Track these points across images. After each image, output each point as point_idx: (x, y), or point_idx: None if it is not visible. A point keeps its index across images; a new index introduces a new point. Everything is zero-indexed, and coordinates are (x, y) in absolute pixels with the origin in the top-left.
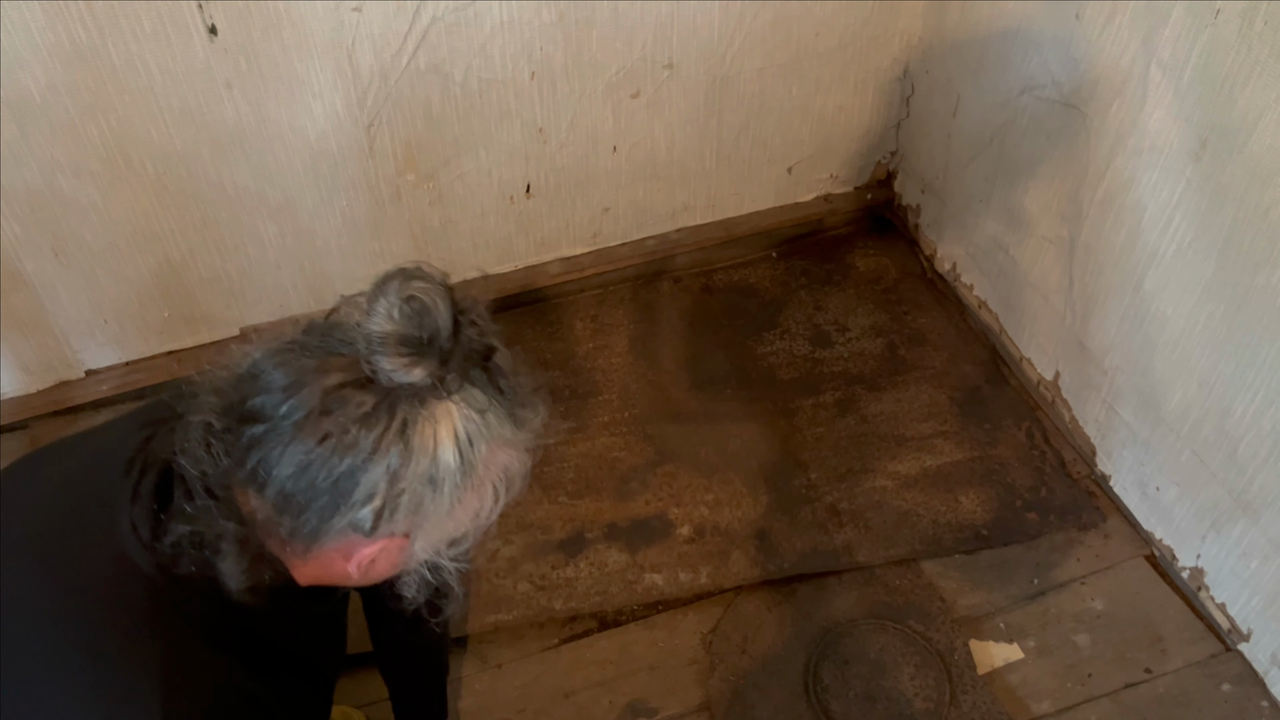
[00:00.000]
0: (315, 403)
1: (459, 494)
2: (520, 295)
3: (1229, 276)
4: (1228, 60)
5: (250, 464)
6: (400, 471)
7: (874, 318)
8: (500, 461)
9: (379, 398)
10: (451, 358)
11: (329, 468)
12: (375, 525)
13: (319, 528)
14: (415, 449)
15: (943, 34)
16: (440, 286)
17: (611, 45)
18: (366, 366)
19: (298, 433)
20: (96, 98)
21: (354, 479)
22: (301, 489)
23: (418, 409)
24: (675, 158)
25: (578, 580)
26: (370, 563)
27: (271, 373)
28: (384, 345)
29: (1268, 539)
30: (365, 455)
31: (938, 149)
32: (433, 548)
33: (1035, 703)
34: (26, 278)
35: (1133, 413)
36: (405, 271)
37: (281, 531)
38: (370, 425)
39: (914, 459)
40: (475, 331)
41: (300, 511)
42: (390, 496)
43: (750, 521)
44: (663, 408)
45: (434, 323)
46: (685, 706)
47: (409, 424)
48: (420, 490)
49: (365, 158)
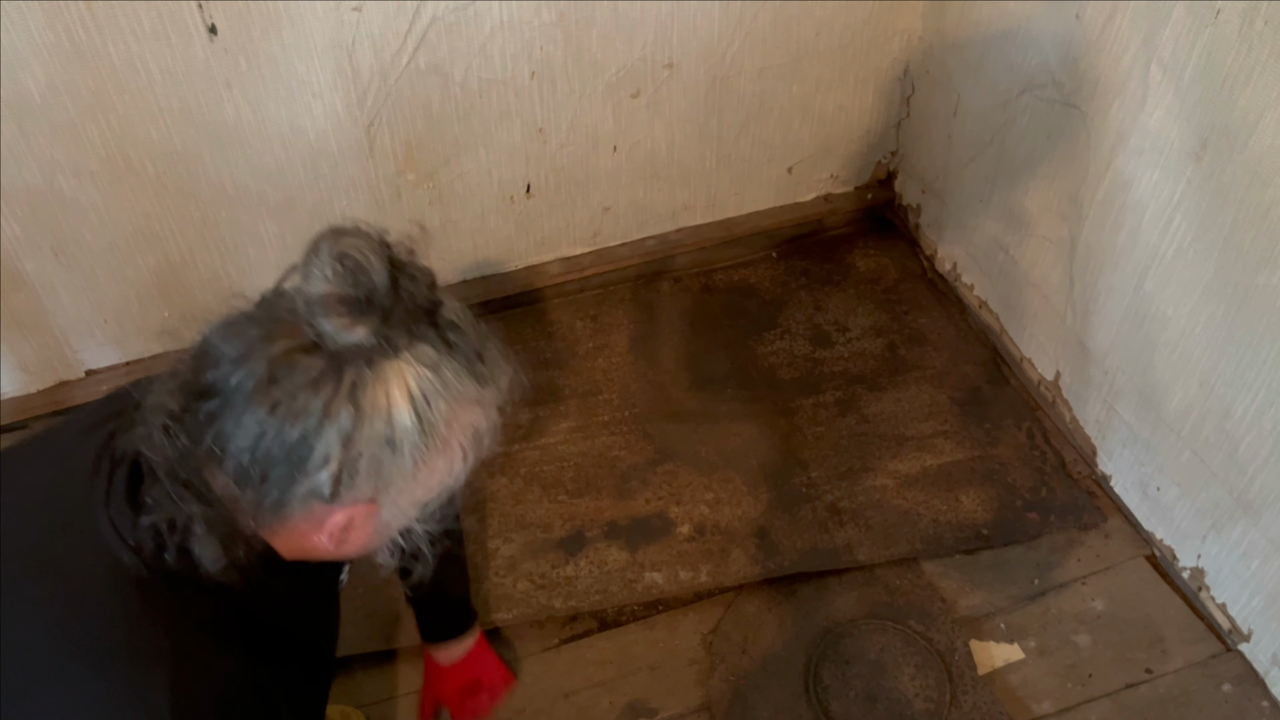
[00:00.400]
0: (263, 371)
1: (422, 455)
2: (520, 295)
3: (1229, 276)
4: (1228, 60)
5: (207, 441)
6: (353, 434)
7: (874, 318)
8: (465, 420)
9: (326, 362)
10: (394, 314)
11: (282, 436)
12: (335, 490)
13: (281, 498)
14: (367, 411)
15: (943, 34)
16: (373, 241)
17: (612, 45)
18: (310, 331)
19: (249, 403)
20: (96, 98)
21: (307, 445)
22: (258, 460)
23: (366, 370)
24: (675, 157)
25: (578, 579)
26: (342, 531)
27: (221, 346)
28: (323, 307)
29: (1268, 539)
30: (316, 420)
31: (938, 149)
32: (405, 513)
33: (1036, 703)
34: (26, 278)
35: (1133, 413)
36: (336, 230)
37: (246, 506)
38: (318, 389)
39: (914, 458)
40: (415, 286)
41: (260, 483)
42: (346, 460)
43: (750, 520)
44: (663, 407)
45: (370, 279)
46: (685, 706)
47: (358, 386)
48: (378, 453)
49: (365, 157)
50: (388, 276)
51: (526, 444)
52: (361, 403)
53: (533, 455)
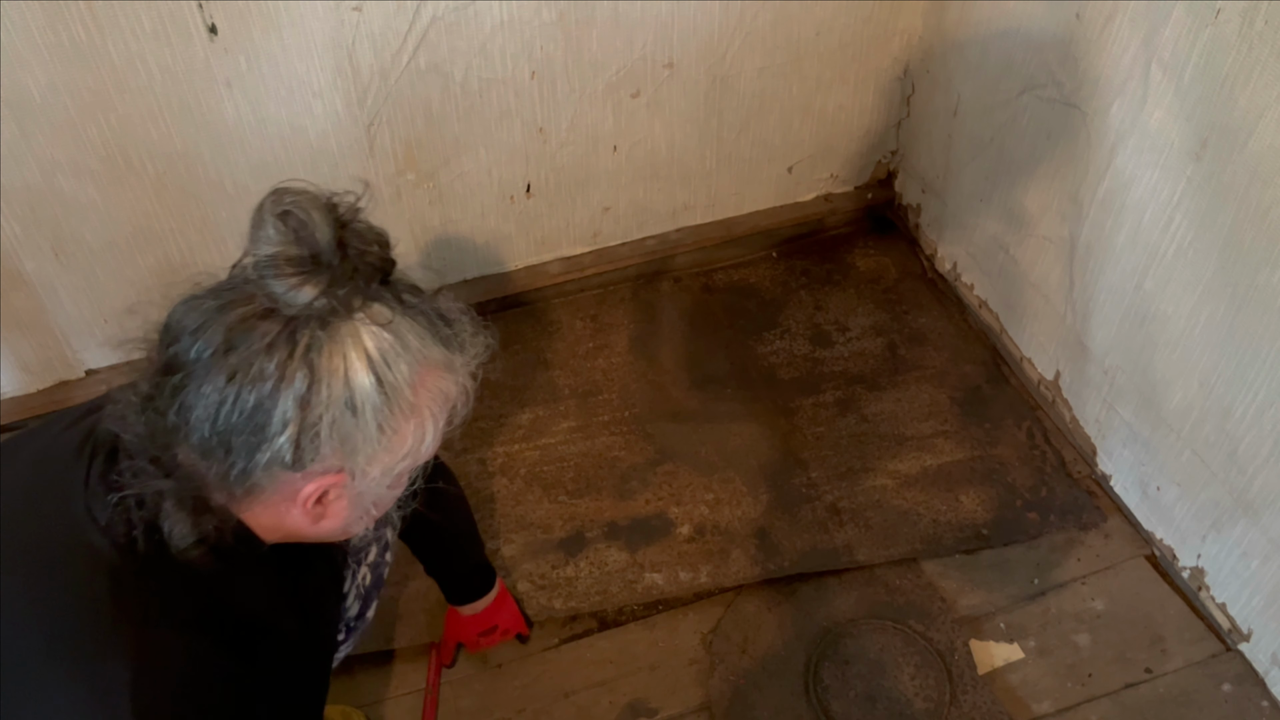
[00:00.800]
0: (220, 339)
1: (387, 419)
2: (520, 295)
3: (1229, 276)
4: (1228, 60)
5: (173, 415)
6: (310, 397)
7: (874, 317)
8: (432, 384)
9: (281, 325)
10: (343, 272)
11: (240, 403)
12: (298, 456)
13: (246, 468)
14: (323, 372)
15: (943, 33)
16: (316, 198)
17: (612, 44)
18: (264, 296)
19: (208, 373)
20: (96, 97)
21: (265, 410)
22: (219, 430)
23: (320, 332)
24: (675, 157)
25: (578, 579)
26: (318, 504)
27: (182, 320)
28: (270, 268)
29: (1268, 539)
30: (272, 384)
31: (938, 148)
32: (378, 483)
33: (1035, 703)
34: (26, 278)
35: (1133, 412)
36: (279, 189)
37: (214, 479)
38: (272, 353)
39: (914, 458)
40: (363, 243)
41: (225, 454)
42: (306, 424)
43: (750, 520)
44: (663, 407)
45: (313, 236)
46: (685, 706)
47: (313, 348)
48: (339, 417)
49: (365, 157)
50: (332, 233)
51: (527, 444)
52: (317, 365)
53: (533, 455)
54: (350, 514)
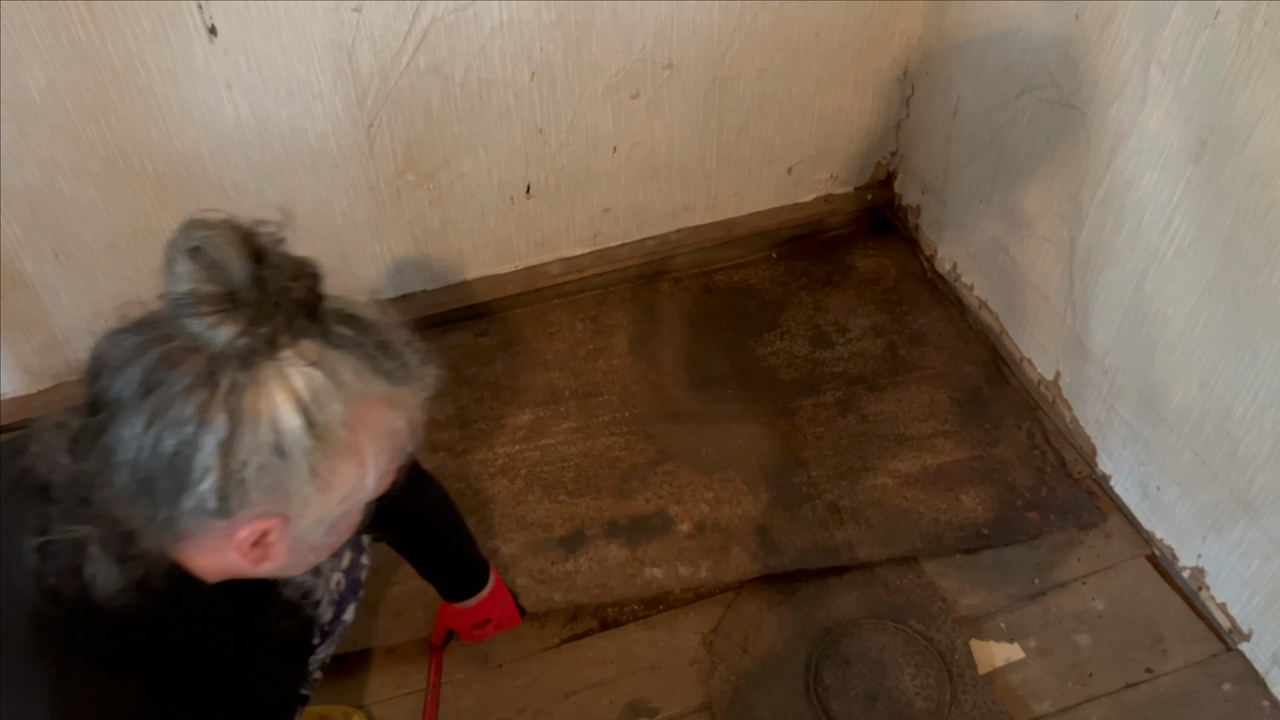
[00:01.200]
0: (139, 380)
1: (321, 463)
2: (520, 295)
3: (1229, 277)
4: (1227, 61)
5: (94, 459)
6: (232, 442)
7: (874, 318)
8: (374, 422)
9: (202, 365)
10: (265, 310)
11: (159, 448)
12: (223, 504)
13: (171, 515)
14: (246, 416)
15: (943, 35)
16: (227, 230)
17: (611, 46)
18: (182, 335)
19: (127, 415)
20: (96, 98)
21: (186, 457)
22: (142, 476)
23: (243, 373)
24: (675, 158)
25: (577, 574)
26: (253, 547)
27: (106, 355)
28: (186, 306)
29: (1268, 539)
30: (192, 430)
31: (938, 149)
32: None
33: (1036, 702)
34: (27, 278)
35: (1133, 413)
36: (189, 223)
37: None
38: (192, 396)
39: (915, 458)
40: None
41: (149, 500)
42: (229, 470)
43: (750, 518)
44: (663, 408)
45: (228, 272)
46: (686, 706)
47: (235, 389)
48: (267, 462)
49: (365, 158)
50: (248, 268)
51: (527, 445)
52: (240, 408)
53: (533, 456)
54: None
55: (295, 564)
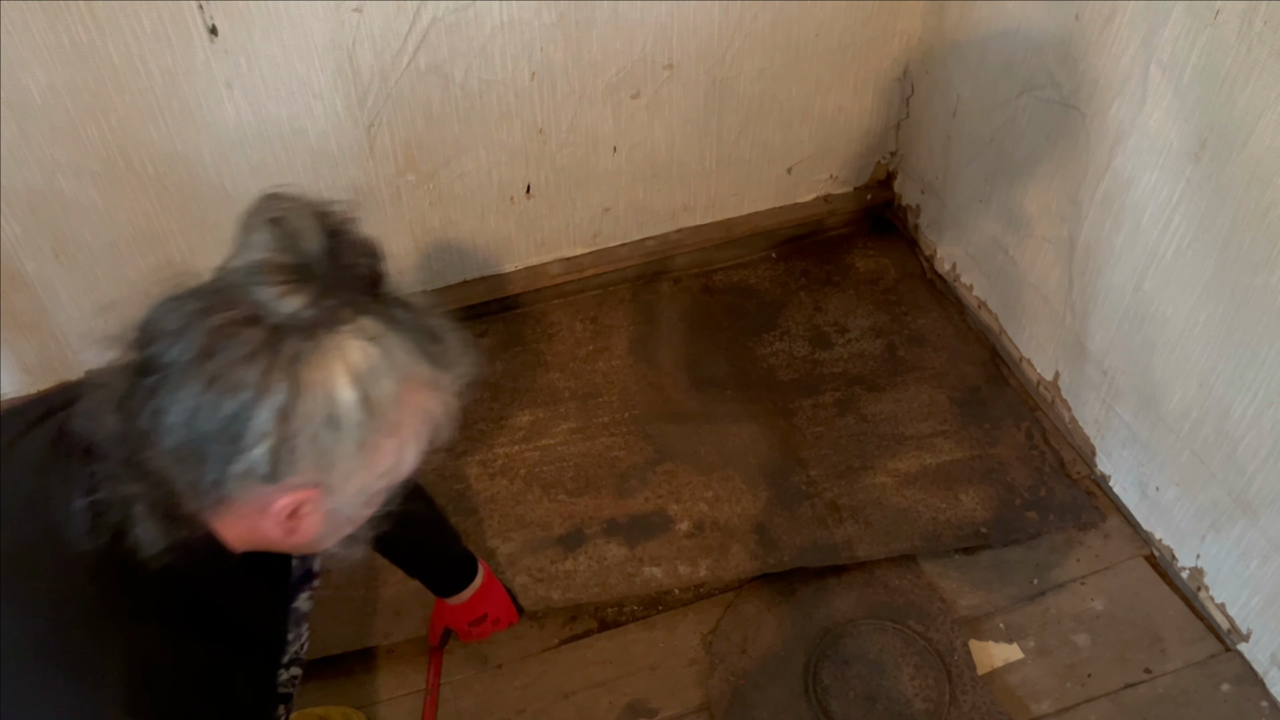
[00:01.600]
0: (200, 344)
1: (369, 437)
2: (520, 295)
3: (1228, 277)
4: (1227, 60)
5: (145, 419)
6: (290, 409)
7: (874, 318)
8: (417, 403)
9: (265, 334)
10: (333, 284)
11: (217, 411)
12: (274, 469)
13: (219, 478)
14: (305, 385)
15: (942, 34)
16: (306, 205)
17: (611, 46)
18: (249, 303)
19: (185, 378)
20: (97, 98)
21: (243, 421)
22: (194, 437)
23: (306, 343)
24: (675, 158)
25: (576, 573)
26: (289, 518)
27: (161, 321)
28: (258, 275)
29: (1267, 539)
30: (251, 394)
31: (937, 149)
32: (353, 500)
33: (1035, 703)
34: (27, 278)
35: (1132, 413)
36: (271, 195)
37: (186, 487)
38: (254, 362)
39: (914, 457)
40: (355, 254)
41: (199, 462)
42: (284, 437)
43: (749, 517)
44: (662, 408)
45: (304, 245)
46: (685, 707)
47: (297, 359)
48: (319, 431)
49: (365, 158)
50: (324, 242)
51: (526, 445)
52: (300, 377)
53: (533, 456)
54: (323, 529)
55: (324, 537)
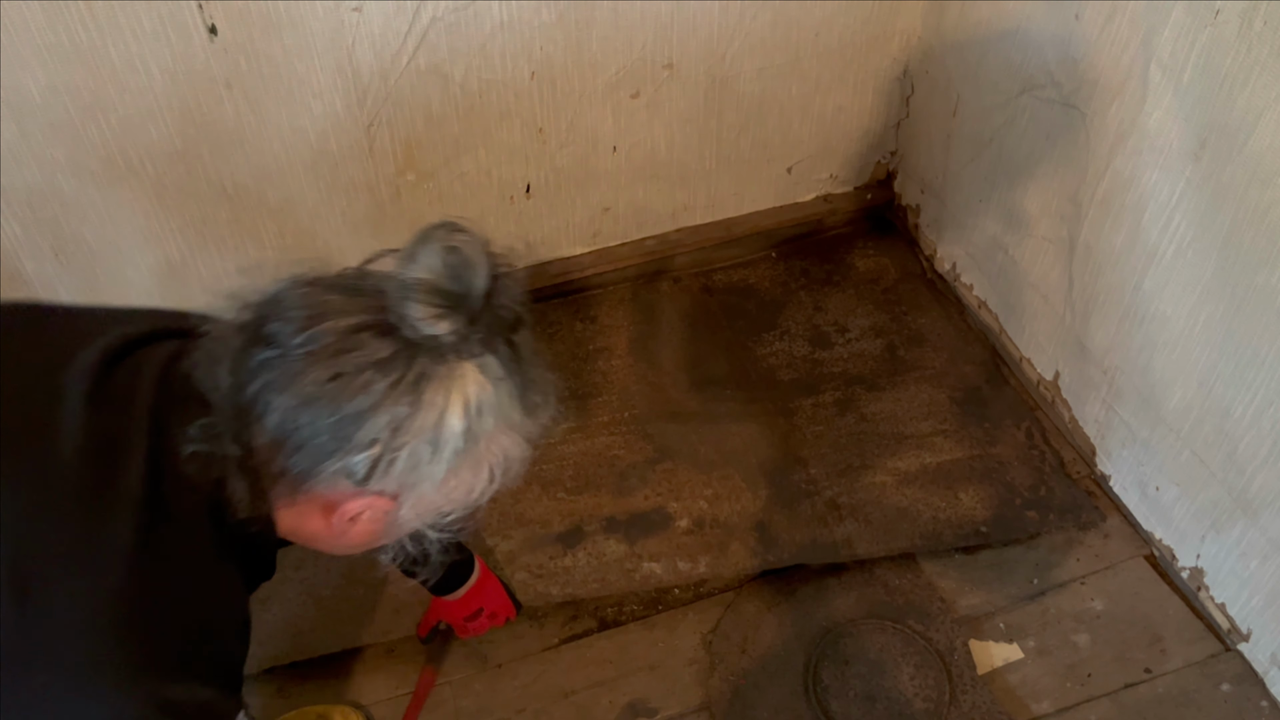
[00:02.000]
0: (332, 339)
1: (456, 464)
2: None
3: (1229, 276)
4: (1227, 60)
5: (254, 389)
6: (405, 424)
7: (874, 318)
8: (502, 444)
9: (399, 346)
10: (480, 320)
11: (335, 407)
12: (369, 476)
13: (312, 469)
14: (424, 405)
15: (942, 34)
16: (483, 243)
17: (611, 45)
18: (393, 313)
19: (309, 365)
20: (96, 98)
21: (358, 423)
22: (302, 424)
23: (435, 365)
24: (675, 158)
25: (575, 569)
26: (350, 521)
27: (294, 300)
28: (417, 292)
29: (1267, 539)
30: (374, 400)
31: (937, 149)
32: (418, 518)
33: (1035, 703)
34: (26, 278)
35: (1132, 412)
36: (450, 224)
37: (274, 466)
38: (386, 371)
39: (914, 456)
40: (508, 298)
41: (297, 447)
42: (390, 448)
43: (749, 515)
44: (662, 408)
45: (471, 279)
46: (685, 706)
47: (424, 378)
48: (420, 450)
49: (365, 157)
50: (487, 282)
51: None
52: (423, 395)
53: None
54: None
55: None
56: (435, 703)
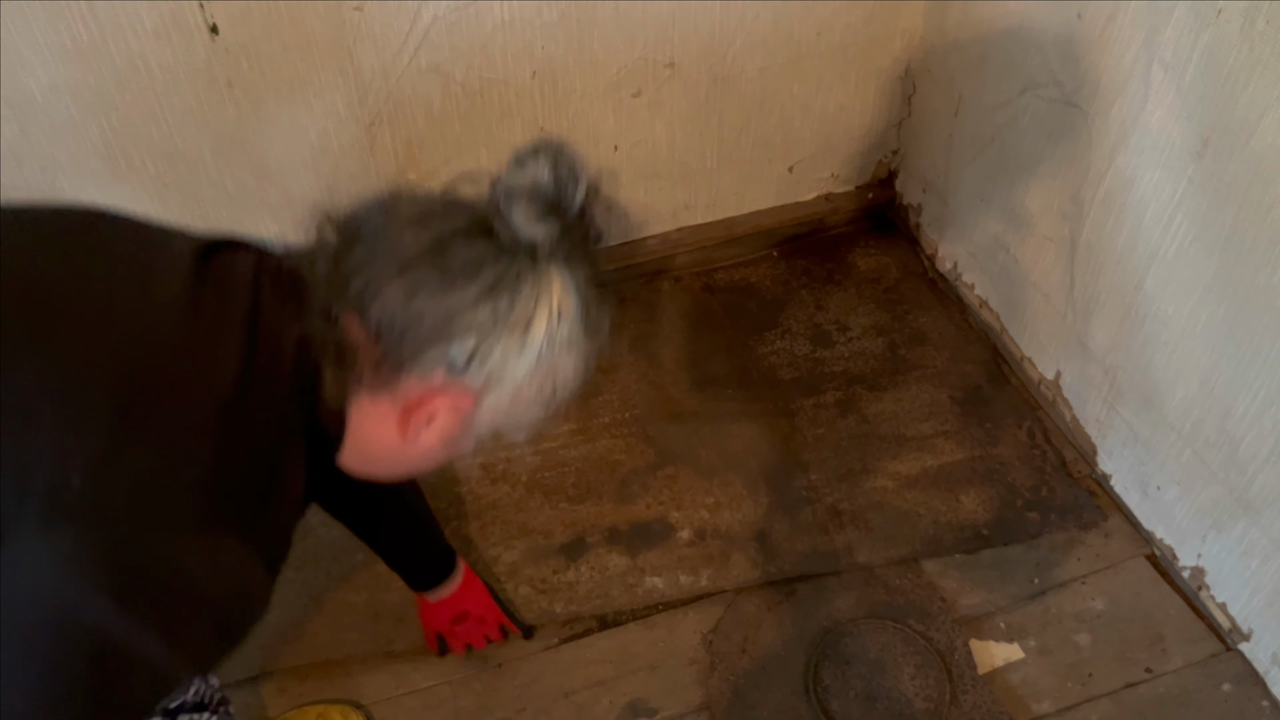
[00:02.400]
0: (438, 236)
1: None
2: None
3: (1230, 276)
4: (1230, 59)
5: (357, 284)
6: (504, 318)
7: (875, 317)
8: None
9: (500, 247)
10: (574, 229)
11: (442, 295)
12: (467, 364)
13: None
14: (521, 302)
15: (944, 33)
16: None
17: (613, 44)
18: (496, 217)
19: (416, 262)
20: (97, 97)
21: (462, 312)
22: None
23: (529, 268)
24: (676, 157)
25: (578, 584)
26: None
27: (401, 205)
28: (522, 194)
29: (1268, 538)
30: (479, 291)
31: (939, 148)
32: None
33: (1036, 702)
34: None
35: (1133, 412)
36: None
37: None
38: (489, 267)
39: (915, 459)
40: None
41: (401, 333)
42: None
43: (750, 523)
44: (663, 408)
45: (571, 190)
46: (685, 706)
47: (520, 276)
48: (511, 346)
49: (366, 157)
50: (585, 194)
51: (527, 448)
52: (519, 294)
53: (533, 461)
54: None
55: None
56: (435, 702)
